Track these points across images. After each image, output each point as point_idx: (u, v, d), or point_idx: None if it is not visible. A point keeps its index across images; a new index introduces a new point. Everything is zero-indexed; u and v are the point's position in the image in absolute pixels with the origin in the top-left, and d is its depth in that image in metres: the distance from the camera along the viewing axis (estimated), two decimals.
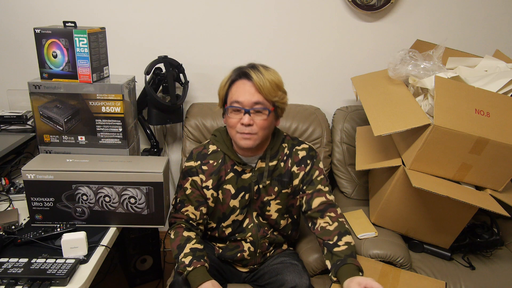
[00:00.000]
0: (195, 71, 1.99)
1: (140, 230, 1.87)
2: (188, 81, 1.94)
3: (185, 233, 1.31)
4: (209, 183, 1.33)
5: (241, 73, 1.23)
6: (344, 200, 1.91)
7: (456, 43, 1.93)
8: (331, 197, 1.33)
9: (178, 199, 1.36)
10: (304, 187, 1.34)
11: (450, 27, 1.97)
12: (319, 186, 1.33)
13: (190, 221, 1.35)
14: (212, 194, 1.33)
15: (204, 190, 1.33)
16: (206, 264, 1.24)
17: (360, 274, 1.17)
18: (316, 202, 1.31)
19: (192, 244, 1.27)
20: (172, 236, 1.33)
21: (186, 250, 1.25)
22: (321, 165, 1.36)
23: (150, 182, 1.25)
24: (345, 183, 1.93)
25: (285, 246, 1.48)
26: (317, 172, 1.34)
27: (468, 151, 1.37)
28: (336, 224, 1.27)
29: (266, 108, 1.22)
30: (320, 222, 1.29)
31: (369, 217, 1.68)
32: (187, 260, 1.22)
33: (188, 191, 1.34)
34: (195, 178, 1.33)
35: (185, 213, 1.34)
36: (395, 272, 1.43)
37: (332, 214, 1.29)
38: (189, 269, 1.21)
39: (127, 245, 1.88)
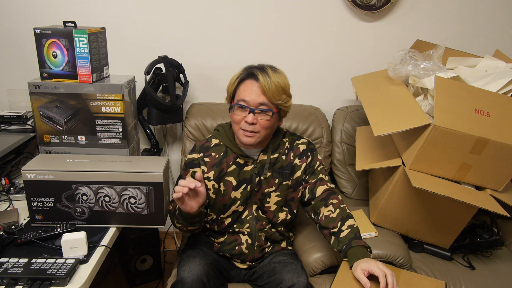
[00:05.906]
0: (195, 71, 1.99)
1: (140, 230, 1.87)
2: (188, 81, 1.94)
3: None
4: (211, 174, 1.37)
5: (250, 73, 1.29)
6: (344, 200, 1.90)
7: (456, 43, 1.93)
8: (332, 185, 1.42)
9: None
10: (307, 177, 1.41)
11: (450, 27, 1.97)
12: (321, 175, 1.41)
13: None
14: (213, 185, 1.38)
15: (206, 181, 1.38)
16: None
17: (368, 251, 1.22)
18: (319, 190, 1.38)
19: None
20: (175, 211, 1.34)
21: None
22: (319, 156, 1.46)
23: (150, 182, 1.25)
24: (345, 183, 1.93)
25: (283, 244, 1.48)
26: (317, 163, 1.43)
27: (468, 151, 1.37)
28: (338, 210, 1.32)
29: (270, 109, 1.28)
30: (324, 211, 1.34)
31: (369, 217, 1.68)
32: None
33: None
34: (197, 169, 1.37)
35: None
36: (395, 272, 1.43)
37: (335, 201, 1.35)
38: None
39: (127, 245, 1.88)
